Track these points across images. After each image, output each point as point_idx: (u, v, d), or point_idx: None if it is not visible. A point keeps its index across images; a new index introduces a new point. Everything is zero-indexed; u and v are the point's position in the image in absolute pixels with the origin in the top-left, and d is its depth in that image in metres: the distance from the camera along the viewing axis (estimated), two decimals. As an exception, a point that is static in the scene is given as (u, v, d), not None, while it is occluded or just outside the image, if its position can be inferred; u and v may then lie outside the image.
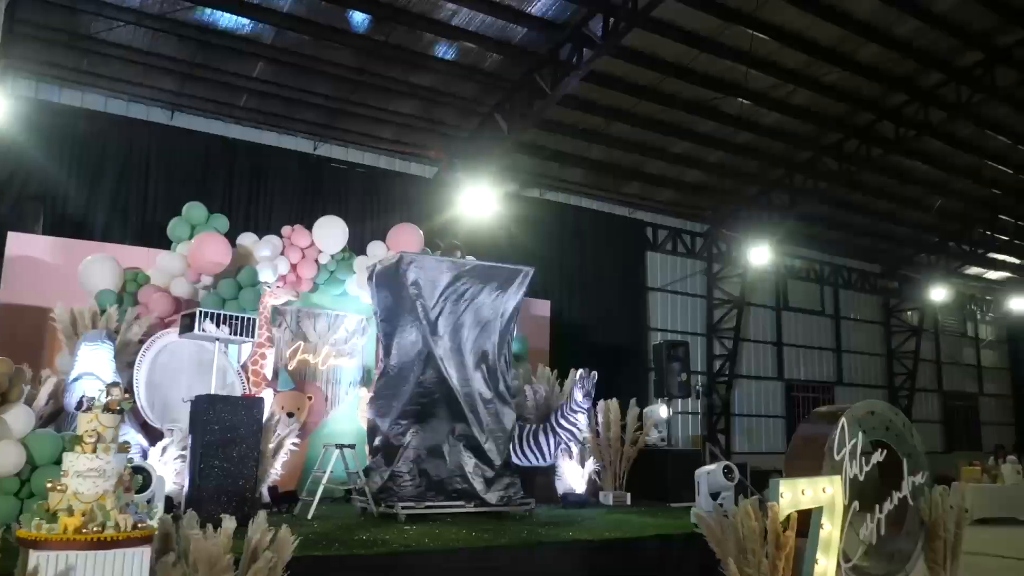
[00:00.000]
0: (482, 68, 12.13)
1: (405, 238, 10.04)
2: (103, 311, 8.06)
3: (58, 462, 5.91)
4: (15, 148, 10.61)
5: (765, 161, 15.60)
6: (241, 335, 7.05)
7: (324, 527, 6.83)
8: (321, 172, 13.01)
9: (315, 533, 6.43)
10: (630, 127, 13.88)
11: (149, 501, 5.17)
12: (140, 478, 5.20)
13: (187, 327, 6.99)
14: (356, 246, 10.52)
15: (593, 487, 9.61)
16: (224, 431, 6.63)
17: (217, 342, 7.03)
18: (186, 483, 6.68)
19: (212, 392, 6.88)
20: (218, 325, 6.95)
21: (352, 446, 7.82)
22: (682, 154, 15.03)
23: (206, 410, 6.57)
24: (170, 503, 6.85)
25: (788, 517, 5.86)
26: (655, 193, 16.29)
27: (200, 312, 6.87)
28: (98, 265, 8.45)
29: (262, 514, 4.56)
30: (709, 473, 7.09)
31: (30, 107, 10.90)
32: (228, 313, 7.07)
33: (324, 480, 7.57)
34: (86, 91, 11.56)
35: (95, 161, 11.28)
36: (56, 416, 7.14)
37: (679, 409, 16.30)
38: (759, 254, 15.95)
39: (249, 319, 7.15)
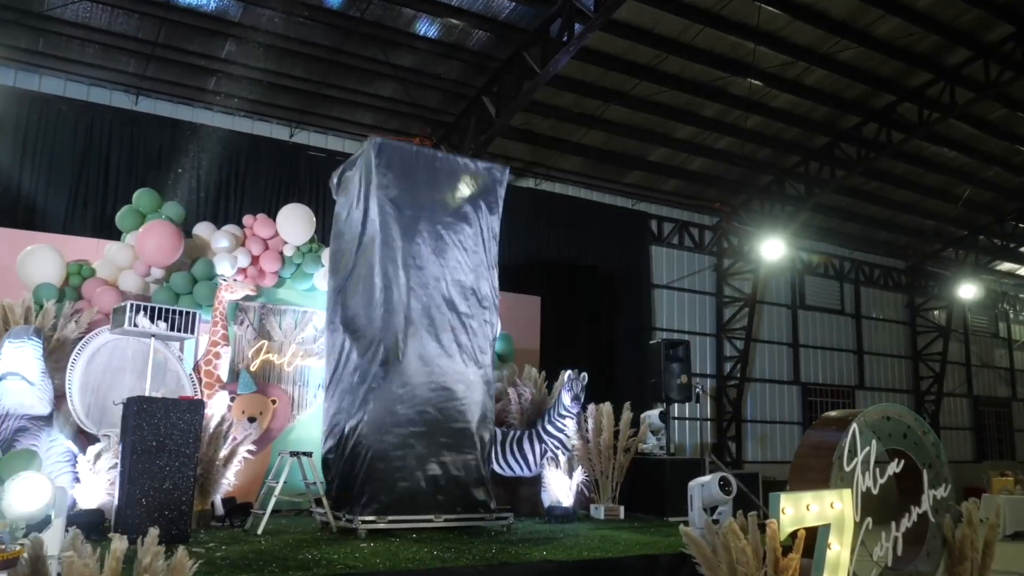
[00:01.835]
0: (467, 47, 11.62)
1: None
2: (40, 306, 7.57)
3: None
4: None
5: (777, 147, 15.01)
6: (182, 331, 6.54)
7: (269, 544, 6.31)
8: (298, 160, 12.53)
9: (255, 551, 5.91)
10: (629, 111, 13.33)
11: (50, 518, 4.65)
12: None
13: (119, 322, 6.48)
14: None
15: (582, 499, 9.06)
16: (158, 437, 6.11)
17: (153, 339, 6.51)
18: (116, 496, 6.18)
19: (147, 394, 6.36)
20: (154, 320, 6.44)
21: (309, 453, 7.30)
22: (687, 140, 14.46)
23: (136, 414, 6.05)
24: (100, 518, 6.38)
25: (791, 536, 5.37)
26: (659, 183, 15.72)
27: (131, 305, 6.36)
28: (37, 256, 7.96)
29: (153, 533, 4.03)
30: (703, 485, 6.51)
31: (-19, 91, 10.51)
32: (165, 307, 6.56)
33: (277, 491, 7.06)
34: (43, 74, 11.13)
35: (53, 149, 10.84)
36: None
37: (685, 414, 15.72)
38: (772, 248, 15.28)
39: (190, 313, 6.65)
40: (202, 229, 9.03)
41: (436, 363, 7.32)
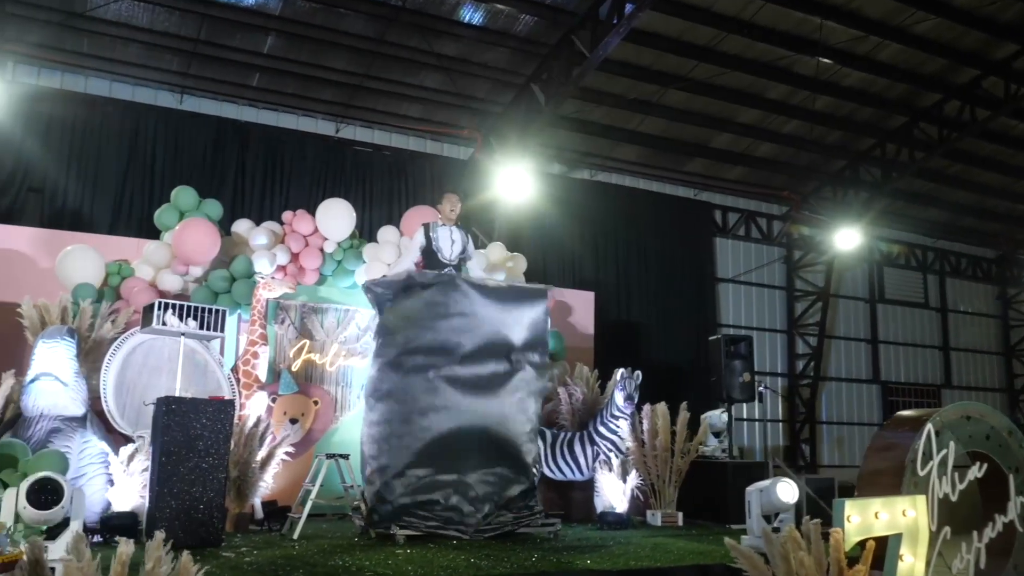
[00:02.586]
0: (514, 33, 11.41)
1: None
2: (76, 306, 7.66)
3: (-9, 474, 5.50)
4: (15, 138, 10.46)
5: (850, 130, 14.39)
6: (212, 329, 6.50)
7: (303, 549, 6.22)
8: (343, 156, 12.52)
9: (286, 557, 5.83)
10: (688, 95, 12.94)
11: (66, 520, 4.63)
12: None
13: (148, 321, 6.49)
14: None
15: (637, 505, 8.77)
16: (187, 438, 6.08)
17: (193, 341, 6.49)
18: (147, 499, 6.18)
19: (177, 394, 6.34)
20: (183, 318, 6.41)
21: (346, 456, 7.20)
22: (751, 125, 13.97)
23: (165, 414, 6.03)
24: (134, 521, 6.38)
25: (858, 546, 5.02)
26: (722, 171, 15.25)
27: (159, 303, 6.35)
28: (76, 257, 8.07)
29: (159, 536, 3.93)
30: (762, 491, 6.19)
31: (31, 94, 10.75)
32: (194, 305, 6.54)
33: (313, 494, 6.98)
34: (89, 75, 11.36)
35: (98, 150, 11.03)
36: (15, 421, 6.76)
37: (755, 415, 15.21)
38: (847, 238, 14.66)
39: (220, 311, 6.61)
40: (241, 226, 9.05)
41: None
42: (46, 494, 4.45)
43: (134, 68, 11.38)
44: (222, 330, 6.71)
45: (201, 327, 6.50)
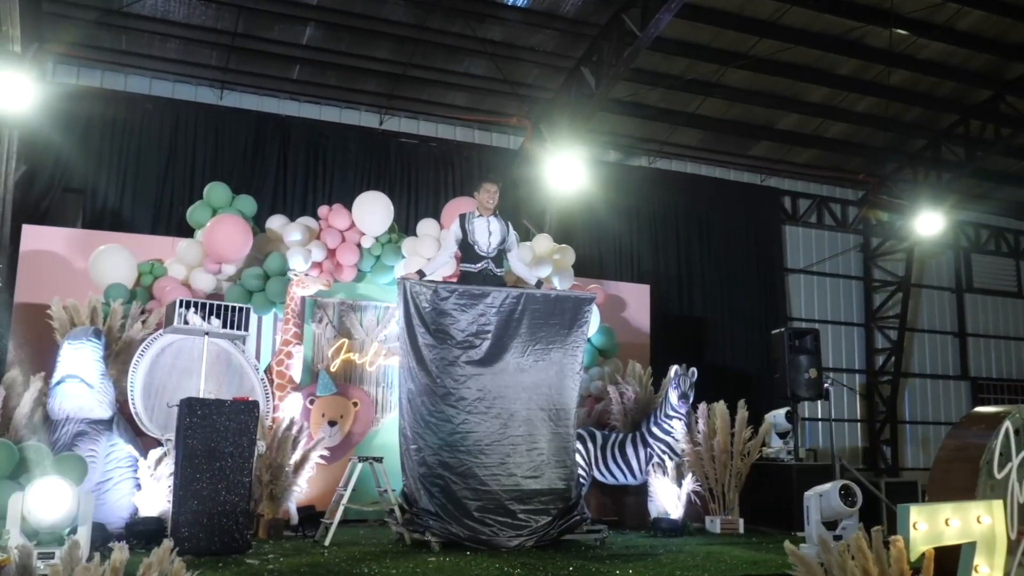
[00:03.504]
0: (561, 14, 11.18)
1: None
2: (107, 306, 7.74)
3: (11, 476, 5.54)
4: (54, 139, 10.68)
5: (929, 106, 13.72)
6: (236, 328, 6.46)
7: (332, 556, 6.13)
8: (388, 148, 12.47)
9: (312, 564, 5.74)
10: (751, 74, 12.50)
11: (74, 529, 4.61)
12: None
13: (170, 320, 6.49)
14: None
15: (695, 510, 8.46)
16: (210, 442, 6.04)
17: (207, 337, 6.47)
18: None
19: (201, 396, 6.32)
20: (207, 317, 6.39)
21: (380, 459, 7.09)
22: (821, 103, 13.44)
23: (187, 416, 6.01)
24: (160, 527, 6.39)
25: (924, 556, 4.69)
26: (791, 154, 14.73)
27: (180, 301, 6.33)
28: (108, 257, 8.16)
29: (166, 544, 3.85)
30: (821, 495, 5.84)
31: (71, 93, 10.96)
32: (217, 303, 6.51)
33: (345, 499, 6.89)
34: (129, 74, 11.54)
35: (139, 148, 11.18)
36: (43, 424, 6.84)
37: (831, 415, 14.61)
38: (929, 223, 13.99)
39: (243, 309, 6.57)
40: (275, 222, 9.04)
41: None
42: (51, 499, 4.43)
43: (173, 64, 11.53)
44: (246, 328, 6.69)
45: (225, 325, 6.46)
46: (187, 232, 9.81)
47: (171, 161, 11.29)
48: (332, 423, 8.68)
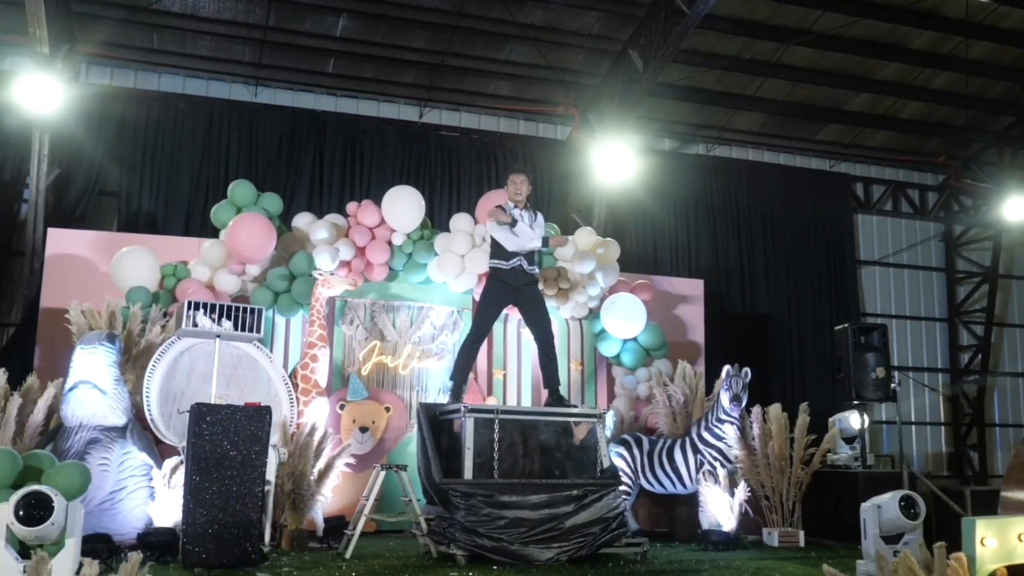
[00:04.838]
0: (604, -7, 10.91)
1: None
2: (127, 310, 7.73)
3: (15, 485, 5.50)
4: (88, 141, 10.81)
5: (1015, 80, 12.98)
6: (248, 330, 6.35)
7: (350, 569, 5.98)
8: (428, 142, 12.31)
9: (322, 581, 5.58)
10: (814, 51, 12.00)
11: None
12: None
13: (179, 322, 6.41)
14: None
15: (751, 522, 8.06)
16: (220, 449, 5.92)
17: (217, 340, 6.36)
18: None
19: (213, 401, 6.22)
20: (219, 319, 6.29)
21: (404, 467, 6.90)
22: (894, 81, 12.83)
23: (196, 423, 5.90)
24: (174, 538, 6.31)
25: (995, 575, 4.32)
26: (863, 137, 14.11)
27: (188, 302, 6.25)
28: (130, 259, 8.16)
29: (134, 558, 3.71)
30: (880, 507, 5.43)
31: (105, 94, 11.09)
32: (227, 304, 6.41)
33: (367, 509, 6.72)
34: (163, 72, 11.63)
35: (173, 148, 11.24)
36: (57, 432, 6.84)
37: (910, 417, 13.98)
38: (1018, 208, 13.22)
39: (256, 310, 6.45)
40: (301, 220, 8.94)
41: None
42: (36, 509, 4.34)
43: (206, 62, 11.58)
44: (259, 330, 6.56)
45: (236, 327, 6.36)
46: (215, 233, 9.83)
47: (205, 161, 11.32)
48: (363, 429, 8.53)
